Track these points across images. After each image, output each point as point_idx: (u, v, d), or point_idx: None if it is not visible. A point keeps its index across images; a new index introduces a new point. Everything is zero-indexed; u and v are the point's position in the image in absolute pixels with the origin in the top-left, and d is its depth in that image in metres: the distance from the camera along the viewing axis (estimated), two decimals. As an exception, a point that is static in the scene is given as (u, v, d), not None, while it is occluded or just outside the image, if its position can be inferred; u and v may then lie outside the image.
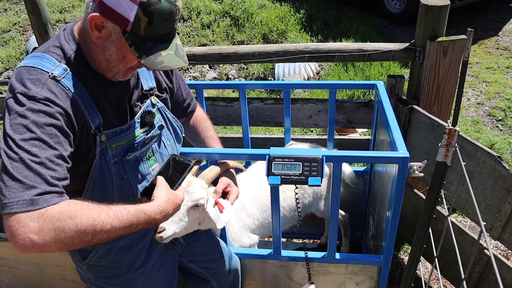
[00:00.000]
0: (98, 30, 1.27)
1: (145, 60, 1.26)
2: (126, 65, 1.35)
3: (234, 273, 2.10)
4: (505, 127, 4.63)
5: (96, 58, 1.35)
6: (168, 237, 1.66)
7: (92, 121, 1.36)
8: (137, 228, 1.27)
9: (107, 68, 1.36)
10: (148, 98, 1.57)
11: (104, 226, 1.18)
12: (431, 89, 2.75)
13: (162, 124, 1.62)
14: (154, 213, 1.31)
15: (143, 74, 1.57)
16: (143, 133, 1.53)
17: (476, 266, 2.27)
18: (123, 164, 1.47)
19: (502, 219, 2.08)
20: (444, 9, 2.55)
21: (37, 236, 1.09)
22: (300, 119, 2.98)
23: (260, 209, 2.32)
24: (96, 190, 1.43)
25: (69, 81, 1.31)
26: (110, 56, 1.32)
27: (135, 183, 1.52)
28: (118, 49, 1.30)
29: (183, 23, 6.72)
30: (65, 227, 1.12)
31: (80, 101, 1.32)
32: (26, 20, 6.87)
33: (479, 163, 2.11)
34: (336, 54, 2.83)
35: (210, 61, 2.96)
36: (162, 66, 1.27)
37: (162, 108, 1.63)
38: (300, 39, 6.40)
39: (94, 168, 1.41)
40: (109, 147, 1.42)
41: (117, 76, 1.40)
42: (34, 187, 1.12)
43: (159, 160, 1.61)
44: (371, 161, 2.40)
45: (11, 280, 2.63)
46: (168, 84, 1.71)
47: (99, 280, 1.67)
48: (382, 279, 2.06)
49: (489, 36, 6.56)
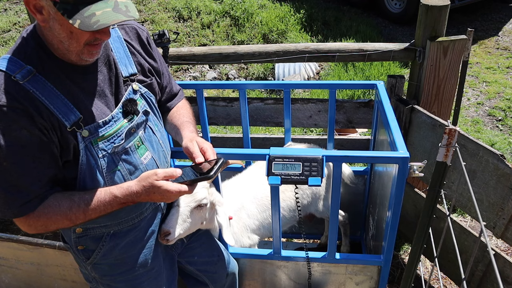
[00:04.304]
0: (39, 12, 1.24)
1: (80, 24, 1.18)
2: (79, 40, 1.28)
3: (232, 277, 2.10)
4: (505, 127, 4.63)
5: (53, 43, 1.31)
6: (173, 239, 1.67)
7: (66, 119, 1.34)
8: (112, 208, 1.42)
9: (66, 50, 1.31)
10: (130, 85, 1.52)
11: (78, 216, 1.39)
12: (431, 89, 2.75)
13: (147, 109, 1.56)
14: (123, 195, 1.41)
15: (122, 60, 1.51)
16: (128, 122, 1.48)
17: (479, 264, 2.28)
18: (112, 157, 1.45)
19: (505, 217, 2.09)
20: (444, 9, 2.55)
21: (29, 229, 1.40)
22: (300, 119, 2.98)
23: (260, 209, 2.32)
24: (87, 186, 1.43)
25: (35, 82, 1.30)
26: (59, 35, 1.27)
27: (127, 175, 1.49)
28: (61, 25, 1.24)
29: (183, 23, 6.72)
30: (47, 223, 1.39)
31: (48, 102, 1.30)
32: (26, 20, 6.87)
33: (482, 162, 2.11)
34: (336, 54, 2.83)
35: (210, 61, 2.96)
36: (98, 25, 1.19)
37: (145, 94, 1.57)
38: (300, 39, 6.40)
39: (81, 165, 1.40)
40: (93, 142, 1.40)
41: (82, 57, 1.33)
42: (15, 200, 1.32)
43: (150, 148, 1.57)
44: (371, 161, 2.40)
45: (11, 280, 2.63)
46: (152, 63, 1.62)
47: (105, 278, 1.67)
48: (382, 279, 2.06)
49: (489, 36, 6.56)
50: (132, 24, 1.60)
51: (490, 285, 2.27)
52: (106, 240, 1.58)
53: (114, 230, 1.58)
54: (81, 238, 1.57)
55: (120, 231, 1.59)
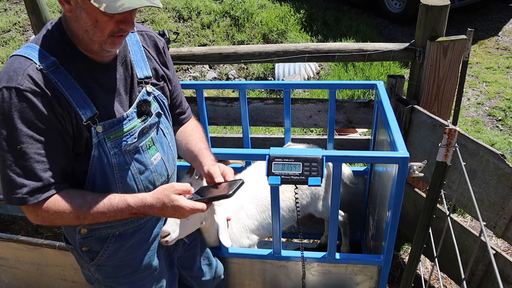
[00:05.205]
0: (67, 2, 1.28)
1: (105, 7, 1.23)
2: (104, 30, 1.31)
3: (218, 280, 2.12)
4: (505, 127, 4.63)
5: (78, 34, 1.34)
6: (172, 240, 1.67)
7: (83, 113, 1.37)
8: (122, 216, 1.42)
9: (90, 40, 1.34)
10: (144, 87, 1.55)
11: (86, 216, 1.38)
12: (431, 89, 2.75)
13: (159, 111, 1.60)
14: (136, 205, 1.41)
15: (138, 63, 1.55)
16: (141, 122, 1.51)
17: (480, 264, 2.28)
18: (123, 154, 1.47)
19: (506, 217, 2.09)
20: (444, 9, 2.55)
21: (36, 219, 1.38)
22: (300, 119, 2.97)
23: (259, 209, 2.32)
24: (97, 181, 1.44)
25: (57, 74, 1.33)
26: (85, 24, 1.30)
27: (137, 174, 1.51)
28: (88, 13, 1.28)
29: (183, 23, 6.72)
30: (55, 217, 1.36)
31: (67, 93, 1.34)
32: (26, 20, 6.87)
33: (482, 162, 2.11)
34: (336, 54, 2.83)
35: (210, 61, 2.96)
36: (123, 8, 1.23)
37: (158, 96, 1.60)
38: (300, 39, 6.40)
39: (92, 160, 1.42)
40: (106, 138, 1.42)
41: (105, 47, 1.35)
42: (24, 186, 1.31)
43: (160, 149, 1.59)
44: (371, 161, 2.40)
45: (11, 280, 2.63)
46: (166, 71, 1.67)
47: (108, 280, 1.67)
48: (382, 279, 2.06)
49: (489, 36, 6.55)
50: (150, 32, 1.66)
51: (490, 285, 2.27)
52: (111, 241, 1.58)
53: (120, 231, 1.58)
54: (86, 239, 1.56)
55: (126, 232, 1.59)
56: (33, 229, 3.43)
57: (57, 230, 3.38)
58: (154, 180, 1.57)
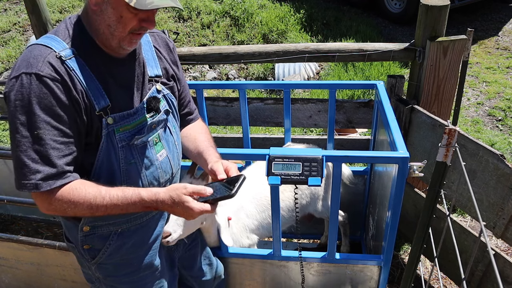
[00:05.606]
0: None
1: (136, 3, 1.28)
2: (126, 26, 1.35)
3: (218, 280, 2.13)
4: (505, 127, 4.63)
5: (99, 28, 1.38)
6: (174, 240, 1.68)
7: (97, 103, 1.40)
8: (135, 209, 1.42)
9: (110, 35, 1.37)
10: (154, 85, 1.59)
11: (99, 207, 1.38)
12: (431, 89, 2.75)
13: (167, 109, 1.63)
14: (150, 199, 1.41)
15: (149, 62, 1.59)
16: (150, 117, 1.54)
17: (479, 264, 2.28)
18: (131, 148, 1.49)
19: (505, 217, 2.09)
20: (444, 9, 2.55)
21: (49, 208, 1.37)
22: (300, 119, 2.98)
23: (259, 209, 2.32)
24: (103, 174, 1.46)
25: (75, 63, 1.36)
26: (109, 19, 1.34)
27: (143, 169, 1.53)
28: (114, 8, 1.32)
29: (183, 23, 6.72)
30: (68, 206, 1.36)
31: (84, 83, 1.37)
32: (26, 20, 6.87)
33: (482, 162, 2.11)
34: (336, 54, 2.83)
35: (210, 61, 2.96)
36: (152, 5, 1.29)
37: (167, 95, 1.64)
38: (300, 39, 6.40)
39: (100, 151, 1.44)
40: (116, 130, 1.45)
41: (122, 44, 1.40)
42: (38, 172, 1.30)
43: (166, 146, 1.62)
44: (371, 161, 2.40)
45: (11, 280, 2.63)
46: (176, 71, 1.71)
47: (109, 279, 1.67)
48: (382, 279, 2.06)
49: (489, 36, 6.55)
50: (160, 34, 1.71)
51: (490, 285, 2.27)
52: (113, 239, 1.58)
53: (122, 229, 1.58)
54: (88, 236, 1.56)
55: (128, 230, 1.60)
56: (33, 229, 3.43)
57: (57, 230, 3.38)
58: (158, 177, 1.59)
